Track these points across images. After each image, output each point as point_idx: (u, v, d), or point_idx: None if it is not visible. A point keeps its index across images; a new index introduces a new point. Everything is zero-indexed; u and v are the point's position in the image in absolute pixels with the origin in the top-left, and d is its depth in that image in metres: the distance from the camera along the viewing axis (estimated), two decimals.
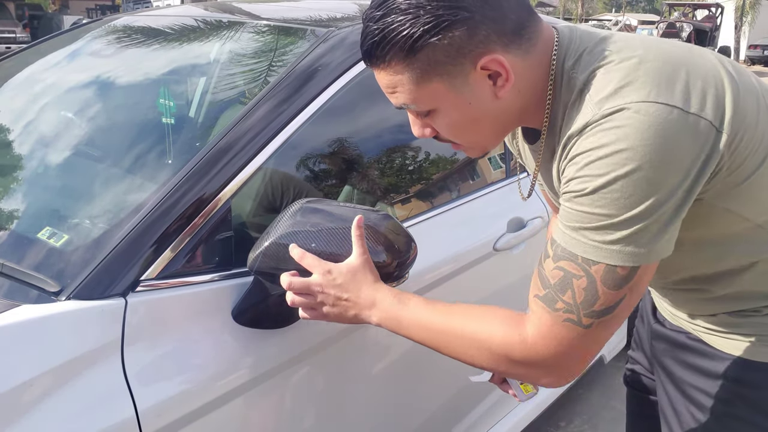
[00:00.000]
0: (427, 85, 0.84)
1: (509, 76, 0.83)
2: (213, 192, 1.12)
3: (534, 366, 0.87)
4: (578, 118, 0.82)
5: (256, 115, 1.23)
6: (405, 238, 1.06)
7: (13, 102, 1.72)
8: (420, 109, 0.88)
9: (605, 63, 0.83)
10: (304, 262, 0.99)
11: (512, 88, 0.85)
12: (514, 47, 0.83)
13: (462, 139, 0.92)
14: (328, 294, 0.98)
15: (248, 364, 1.10)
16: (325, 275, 0.98)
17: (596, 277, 0.80)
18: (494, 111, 0.87)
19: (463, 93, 0.84)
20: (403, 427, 1.51)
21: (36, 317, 0.94)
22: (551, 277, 0.84)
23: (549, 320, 0.84)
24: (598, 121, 0.79)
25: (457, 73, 0.83)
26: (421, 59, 0.81)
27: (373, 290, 0.98)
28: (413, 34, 0.79)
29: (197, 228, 1.10)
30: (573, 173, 0.81)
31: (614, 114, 0.78)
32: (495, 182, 1.76)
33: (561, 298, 0.83)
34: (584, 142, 0.80)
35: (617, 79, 0.81)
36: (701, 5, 25.57)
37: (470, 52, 0.81)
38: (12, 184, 1.42)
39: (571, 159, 0.82)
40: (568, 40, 0.88)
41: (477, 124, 0.89)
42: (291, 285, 0.99)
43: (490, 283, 1.66)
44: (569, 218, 0.82)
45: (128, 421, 0.94)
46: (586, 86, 0.83)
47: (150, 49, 1.77)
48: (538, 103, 0.89)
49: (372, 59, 0.85)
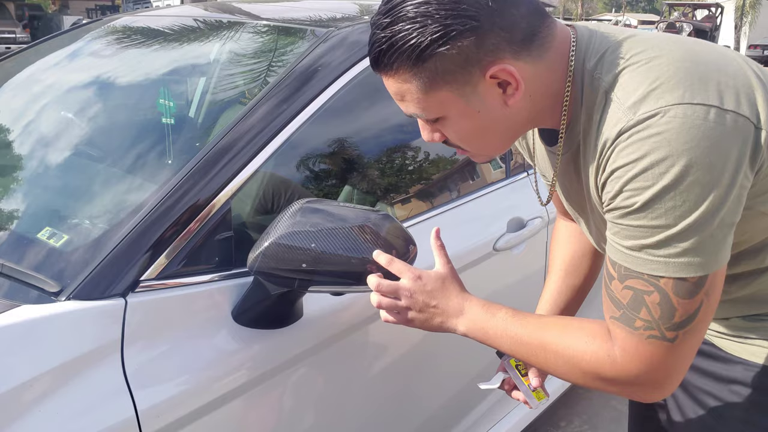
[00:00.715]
0: (435, 93, 0.82)
1: (519, 84, 0.81)
2: (213, 192, 1.12)
3: (629, 384, 0.84)
4: (608, 122, 0.79)
5: (256, 115, 1.23)
6: (405, 238, 1.06)
7: (13, 102, 1.72)
8: (428, 117, 0.86)
9: (631, 63, 0.81)
10: (393, 268, 0.98)
11: (523, 95, 0.83)
12: (524, 54, 0.81)
13: (471, 146, 0.90)
14: (416, 299, 0.97)
15: (248, 364, 1.10)
16: (416, 281, 0.97)
17: (667, 290, 0.78)
18: (504, 118, 0.85)
19: (471, 101, 0.83)
20: (403, 427, 1.51)
21: (36, 317, 0.94)
22: (622, 297, 0.81)
23: (633, 340, 0.81)
24: (634, 127, 0.76)
25: (466, 82, 0.81)
26: (428, 68, 0.80)
27: (461, 299, 0.98)
28: (421, 43, 0.78)
29: (197, 228, 1.10)
30: (618, 188, 0.78)
31: (650, 119, 0.75)
32: (495, 182, 1.76)
33: (638, 316, 0.80)
34: (623, 153, 0.77)
35: (648, 81, 0.78)
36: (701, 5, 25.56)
37: (479, 62, 0.79)
38: (12, 184, 1.42)
39: (612, 173, 0.79)
40: (587, 40, 0.86)
41: (486, 132, 0.87)
42: (379, 286, 0.98)
43: (490, 283, 1.66)
44: (625, 236, 0.79)
45: (128, 421, 0.94)
46: (612, 87, 0.80)
47: (150, 50, 1.77)
48: (553, 105, 0.87)
49: (379, 67, 0.84)
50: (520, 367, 1.15)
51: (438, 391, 1.60)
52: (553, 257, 1.29)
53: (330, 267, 1.00)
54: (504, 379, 1.16)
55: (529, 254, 1.76)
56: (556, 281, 1.25)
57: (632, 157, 0.76)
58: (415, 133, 1.63)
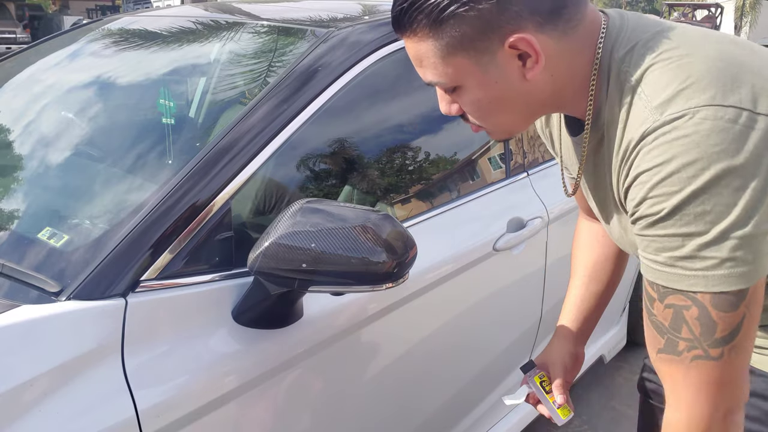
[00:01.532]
0: (452, 59, 0.79)
1: (539, 57, 0.77)
2: (213, 192, 1.12)
3: (702, 421, 0.78)
4: (633, 121, 0.76)
5: (256, 115, 1.23)
6: (405, 238, 1.06)
7: (14, 102, 1.72)
8: (445, 85, 0.83)
9: (662, 59, 0.77)
10: None
11: (544, 71, 0.79)
12: (549, 28, 0.77)
13: (487, 120, 0.87)
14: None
15: (248, 364, 1.10)
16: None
17: (705, 303, 0.73)
18: (522, 93, 0.82)
19: (489, 71, 0.79)
20: (403, 427, 1.51)
21: (36, 317, 0.94)
22: (664, 319, 0.77)
23: (680, 370, 0.77)
24: (660, 129, 0.72)
25: (485, 50, 0.77)
26: (447, 30, 0.77)
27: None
28: (440, 2, 0.75)
29: (197, 228, 1.10)
30: (643, 194, 0.74)
31: (677, 121, 0.71)
32: (495, 182, 1.76)
33: (680, 337, 0.76)
34: (647, 156, 0.73)
35: (678, 80, 0.74)
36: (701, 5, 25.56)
37: (499, 28, 0.76)
38: (12, 184, 1.42)
39: (636, 177, 0.75)
40: (618, 28, 0.82)
41: (503, 105, 0.83)
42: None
43: (490, 283, 1.66)
44: (656, 249, 0.75)
45: (128, 421, 0.94)
46: (640, 84, 0.77)
47: (150, 50, 1.77)
48: (577, 91, 0.83)
49: (399, 26, 0.81)
50: (545, 383, 1.14)
51: (438, 391, 1.60)
52: (575, 262, 1.26)
53: (330, 267, 1.00)
54: (528, 393, 1.16)
55: (529, 254, 1.76)
56: (580, 287, 1.22)
57: (658, 160, 0.72)
58: (415, 133, 1.63)
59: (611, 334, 2.46)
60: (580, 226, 1.28)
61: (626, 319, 2.58)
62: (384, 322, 1.35)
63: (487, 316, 1.68)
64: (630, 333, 2.63)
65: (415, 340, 1.45)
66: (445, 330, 1.53)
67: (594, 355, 2.32)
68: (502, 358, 1.80)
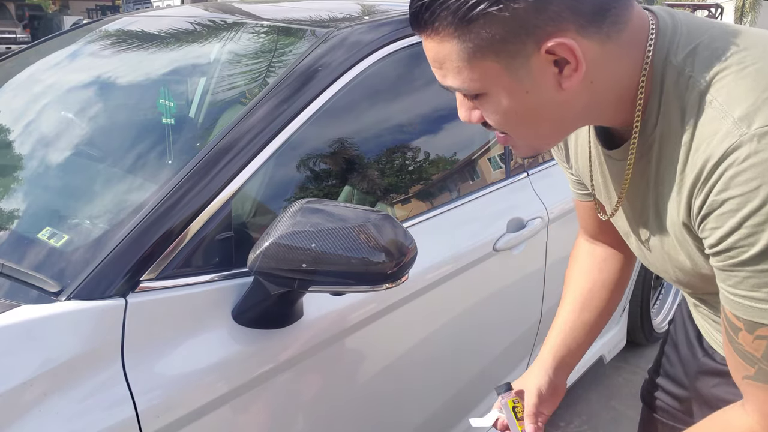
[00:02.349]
0: (479, 63, 0.69)
1: (579, 65, 0.68)
2: (213, 192, 1.12)
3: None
4: (708, 134, 0.67)
5: (256, 115, 1.23)
6: (405, 238, 1.06)
7: (14, 102, 1.72)
8: (468, 91, 0.73)
9: (734, 64, 0.68)
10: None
11: (583, 79, 0.69)
12: (592, 30, 0.67)
13: (513, 132, 0.77)
14: None
15: (248, 365, 1.10)
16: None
17: None
18: (555, 104, 0.72)
19: (520, 78, 0.69)
20: (403, 427, 1.51)
21: (36, 317, 0.94)
22: (754, 350, 0.70)
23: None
24: (749, 144, 0.63)
25: (517, 53, 0.67)
26: (475, 31, 0.67)
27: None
28: (467, 1, 0.65)
29: (197, 228, 1.10)
30: (733, 224, 0.65)
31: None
32: (495, 182, 1.76)
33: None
34: (738, 179, 0.64)
35: (760, 87, 0.65)
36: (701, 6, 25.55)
37: (536, 30, 0.66)
38: (12, 184, 1.42)
39: (722, 204, 0.66)
40: (672, 29, 0.73)
41: (532, 116, 0.74)
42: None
43: (490, 283, 1.66)
44: (751, 285, 0.67)
45: (128, 421, 0.94)
46: (709, 90, 0.67)
47: (150, 50, 1.77)
48: (619, 100, 0.74)
49: (418, 23, 0.71)
50: (518, 409, 1.07)
51: (438, 391, 1.60)
52: (569, 285, 1.16)
53: (330, 267, 1.00)
54: (498, 418, 1.09)
55: (529, 254, 1.76)
56: (570, 313, 1.13)
57: (752, 184, 0.62)
58: (415, 133, 1.63)
59: (611, 334, 2.46)
60: (579, 248, 1.17)
61: (626, 319, 2.58)
62: (384, 322, 1.35)
63: (487, 316, 1.68)
64: (630, 333, 2.63)
65: (415, 340, 1.45)
66: (445, 330, 1.53)
67: (594, 355, 2.32)
68: (502, 359, 1.80)
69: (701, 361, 1.06)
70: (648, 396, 1.25)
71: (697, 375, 1.08)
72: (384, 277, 1.03)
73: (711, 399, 1.04)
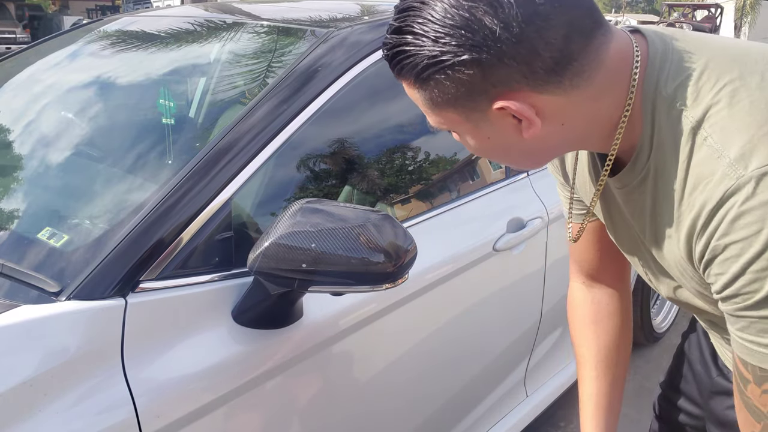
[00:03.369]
0: (442, 111, 0.72)
1: (533, 121, 0.68)
2: (213, 192, 1.12)
3: None
4: (703, 175, 0.65)
5: (256, 115, 1.23)
6: (405, 238, 1.06)
7: (13, 102, 1.72)
8: (441, 129, 0.77)
9: (726, 96, 0.65)
10: None
11: (551, 125, 0.70)
12: (551, 87, 0.66)
13: (494, 160, 0.81)
14: None
15: (248, 364, 1.10)
16: None
17: None
18: (524, 146, 0.73)
19: (481, 127, 0.72)
20: (403, 427, 1.51)
21: (36, 317, 0.94)
22: (762, 405, 0.68)
23: None
24: (747, 187, 0.61)
25: (473, 109, 0.70)
26: (430, 88, 0.70)
27: None
28: (417, 63, 0.68)
29: (197, 228, 1.10)
30: (737, 270, 0.63)
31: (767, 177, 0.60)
32: (495, 182, 1.76)
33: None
34: (738, 224, 0.62)
35: (756, 123, 0.63)
36: (701, 6, 25.57)
37: (485, 92, 0.67)
38: (12, 184, 1.42)
39: (725, 249, 0.64)
40: (662, 56, 0.70)
41: (503, 154, 0.77)
42: None
43: (490, 283, 1.66)
44: (759, 330, 0.65)
45: (128, 421, 0.94)
46: (702, 127, 0.65)
47: (150, 50, 1.77)
48: (604, 132, 0.73)
49: (391, 69, 0.74)
50: None
51: (438, 391, 1.60)
52: (581, 346, 1.11)
53: (330, 267, 1.00)
54: None
55: (528, 254, 1.76)
56: (595, 380, 1.08)
57: (753, 228, 0.61)
58: (415, 133, 1.63)
59: None
60: (573, 297, 1.13)
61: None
62: (384, 322, 1.35)
63: (487, 316, 1.68)
64: (637, 334, 2.63)
65: (414, 340, 1.45)
66: (444, 330, 1.53)
67: None
68: (502, 359, 1.80)
69: (715, 381, 1.04)
70: (664, 413, 1.23)
71: (711, 394, 1.06)
72: (384, 277, 1.03)
73: (725, 420, 1.02)
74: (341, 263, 1.00)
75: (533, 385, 1.99)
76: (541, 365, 2.00)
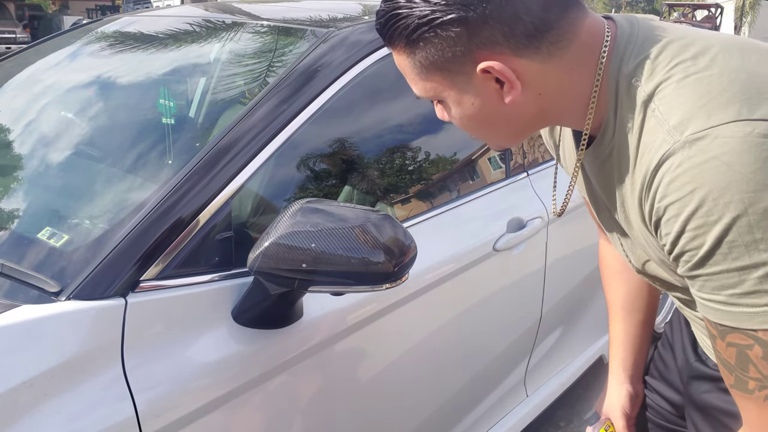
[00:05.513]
0: (429, 77, 0.78)
1: (514, 84, 0.73)
2: (213, 192, 1.12)
3: None
4: (649, 143, 0.70)
5: (256, 115, 1.23)
6: (404, 238, 1.06)
7: (13, 102, 1.72)
8: (427, 98, 0.82)
9: (677, 73, 0.70)
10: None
11: (529, 92, 0.75)
12: (530, 51, 0.72)
13: (476, 134, 0.85)
14: None
15: (248, 365, 1.10)
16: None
17: (767, 340, 0.67)
18: (504, 114, 0.78)
19: (466, 91, 0.77)
20: (403, 427, 1.51)
21: (36, 317, 0.94)
22: (729, 357, 0.71)
23: (754, 408, 0.71)
24: (682, 152, 0.66)
25: (458, 72, 0.75)
26: (420, 51, 0.75)
27: None
28: (409, 24, 0.73)
29: (197, 228, 1.10)
30: (678, 229, 0.67)
31: (700, 141, 0.65)
32: (495, 182, 1.76)
33: (748, 376, 0.70)
34: (673, 185, 0.66)
35: (696, 95, 0.67)
36: (701, 5, 25.56)
37: (469, 53, 0.73)
38: (12, 184, 1.42)
39: (665, 210, 0.68)
40: (627, 37, 0.76)
41: (485, 123, 0.81)
42: None
43: (490, 283, 1.66)
44: (711, 288, 0.68)
45: (128, 421, 0.94)
46: (653, 100, 0.71)
47: (150, 50, 1.77)
48: (581, 106, 0.78)
49: (382, 38, 0.80)
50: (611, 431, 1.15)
51: (438, 391, 1.60)
52: (609, 294, 1.21)
53: (330, 267, 1.00)
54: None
55: (529, 254, 1.76)
56: (621, 323, 1.19)
57: (687, 189, 0.65)
58: (415, 133, 1.63)
59: None
60: (603, 251, 1.22)
61: None
62: (384, 322, 1.35)
63: (487, 316, 1.68)
64: None
65: (414, 340, 1.45)
66: (444, 330, 1.53)
67: (594, 355, 2.32)
68: (502, 358, 1.80)
69: (693, 366, 1.07)
70: (647, 400, 1.24)
71: (690, 380, 1.08)
72: (384, 277, 1.03)
73: (703, 405, 1.04)
74: (341, 263, 1.00)
75: (533, 385, 1.99)
76: (541, 365, 2.00)
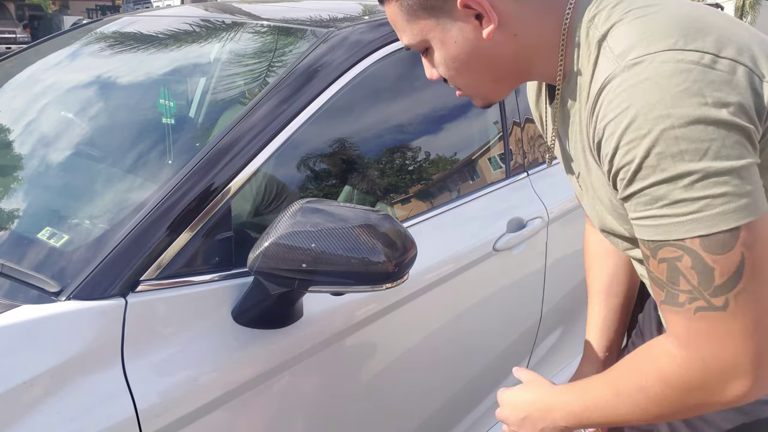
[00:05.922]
0: (417, 21, 0.85)
1: (491, 16, 0.80)
2: (213, 192, 1.12)
3: (704, 381, 0.73)
4: (598, 74, 0.76)
5: (256, 115, 1.23)
6: (405, 238, 1.06)
7: (13, 102, 1.72)
8: (416, 46, 0.88)
9: (629, 16, 0.77)
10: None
11: (503, 31, 0.82)
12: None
13: (458, 80, 0.89)
14: (513, 420, 1.00)
15: (248, 364, 1.10)
16: (506, 405, 1.01)
17: (695, 248, 0.69)
18: (485, 53, 0.84)
19: (449, 30, 0.84)
20: (402, 427, 1.51)
21: (36, 317, 0.94)
22: (660, 274, 0.74)
23: (682, 321, 0.73)
24: (621, 75, 0.71)
25: (441, 10, 0.82)
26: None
27: (546, 397, 0.96)
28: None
29: (197, 228, 1.10)
30: (613, 145, 0.72)
31: (637, 66, 0.70)
32: (495, 182, 1.76)
33: (679, 289, 0.72)
34: (612, 105, 0.72)
35: (641, 31, 0.74)
36: None
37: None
38: (12, 184, 1.42)
39: (604, 130, 0.73)
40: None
41: (467, 65, 0.86)
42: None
43: (490, 283, 1.66)
44: (644, 204, 0.72)
45: (128, 421, 0.94)
46: (605, 39, 0.77)
47: (150, 50, 1.77)
48: (550, 56, 0.84)
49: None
50: None
51: (438, 391, 1.60)
52: (589, 278, 1.24)
53: (330, 267, 1.00)
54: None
55: (528, 254, 1.76)
56: (598, 305, 1.21)
57: (622, 106, 0.70)
58: (415, 133, 1.63)
59: None
60: (587, 236, 1.25)
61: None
62: (384, 322, 1.35)
63: (487, 316, 1.68)
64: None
65: (414, 340, 1.45)
66: (444, 330, 1.53)
67: None
68: (502, 358, 1.80)
69: None
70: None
71: None
72: (384, 277, 1.03)
73: None
74: (341, 263, 1.00)
75: None
76: (541, 365, 2.00)
